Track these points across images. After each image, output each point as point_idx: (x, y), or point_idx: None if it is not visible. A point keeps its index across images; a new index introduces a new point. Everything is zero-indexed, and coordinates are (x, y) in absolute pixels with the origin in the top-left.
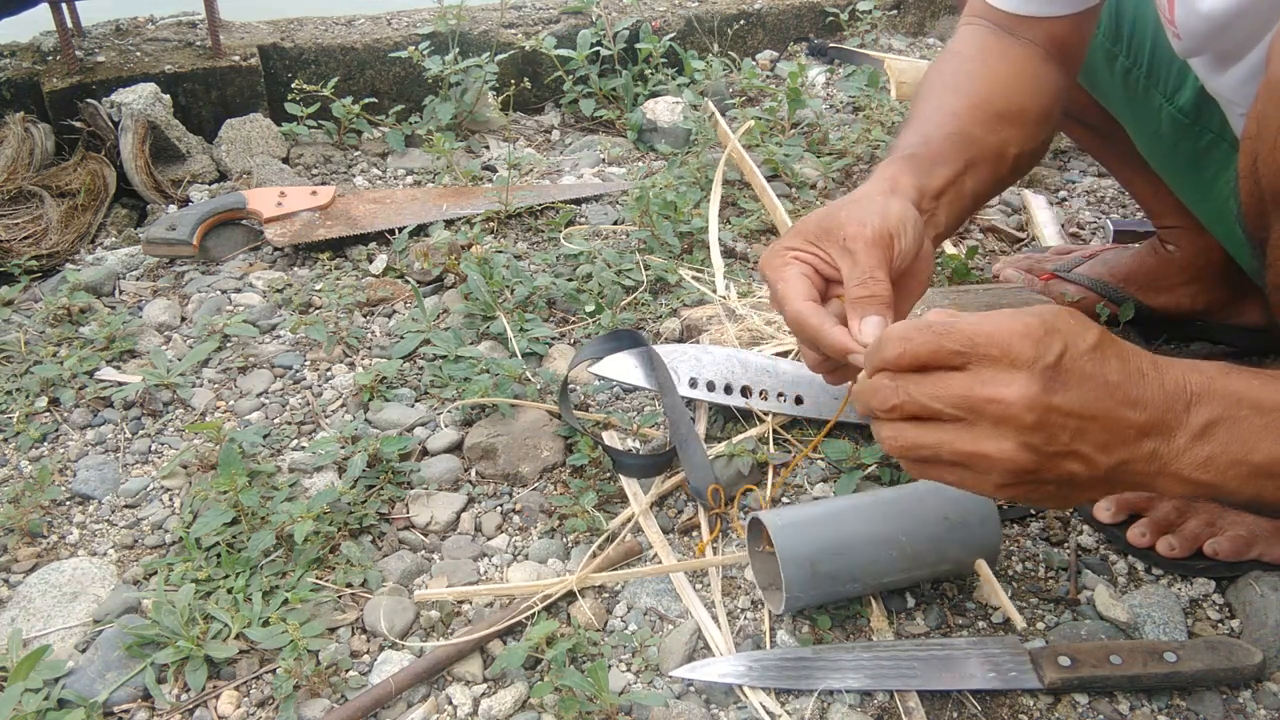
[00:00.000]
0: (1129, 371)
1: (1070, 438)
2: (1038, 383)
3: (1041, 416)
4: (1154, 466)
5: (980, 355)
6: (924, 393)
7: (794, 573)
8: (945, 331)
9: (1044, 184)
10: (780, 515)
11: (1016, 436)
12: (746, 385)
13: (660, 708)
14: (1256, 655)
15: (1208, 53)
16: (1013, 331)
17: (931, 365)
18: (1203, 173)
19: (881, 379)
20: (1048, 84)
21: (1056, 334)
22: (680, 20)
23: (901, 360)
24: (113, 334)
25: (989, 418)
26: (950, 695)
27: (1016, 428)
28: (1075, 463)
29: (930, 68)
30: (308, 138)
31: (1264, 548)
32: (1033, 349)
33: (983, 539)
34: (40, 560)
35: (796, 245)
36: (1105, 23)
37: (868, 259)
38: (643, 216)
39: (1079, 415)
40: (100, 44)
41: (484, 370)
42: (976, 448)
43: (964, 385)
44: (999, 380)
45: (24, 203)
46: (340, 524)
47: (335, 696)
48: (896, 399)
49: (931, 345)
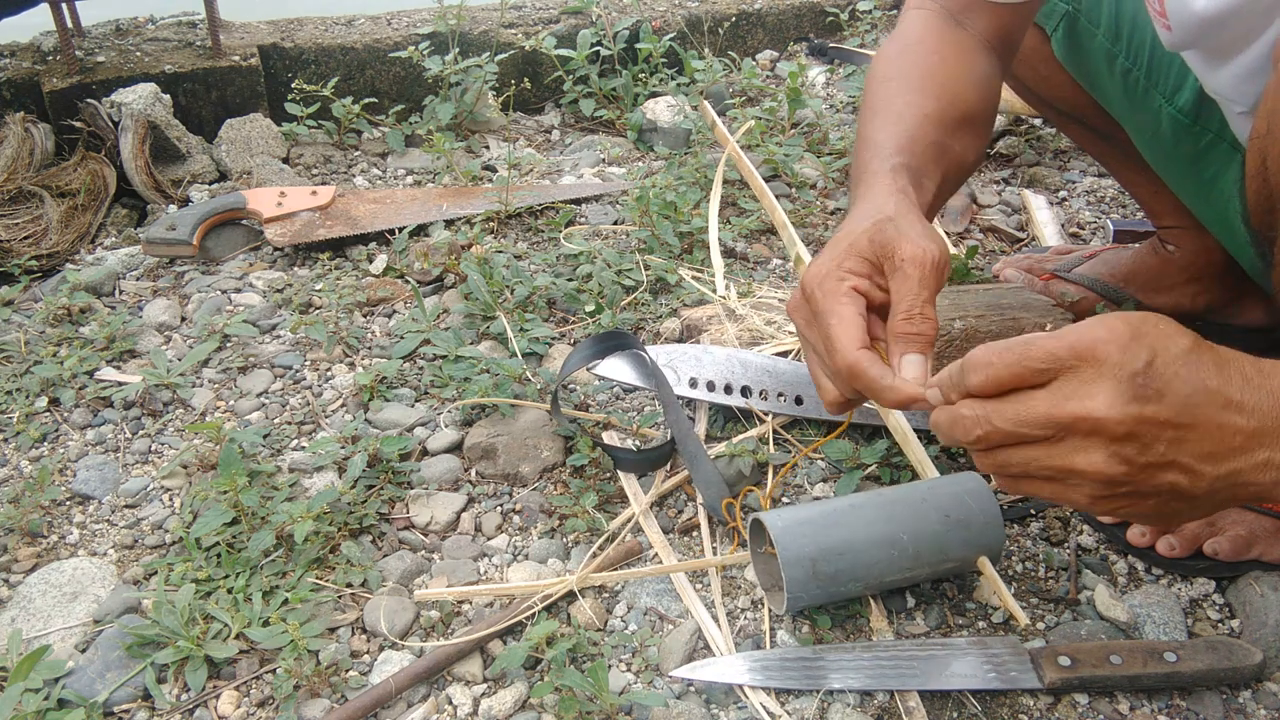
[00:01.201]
0: (1229, 376)
1: (1167, 448)
2: (1126, 391)
3: (1132, 428)
4: (1271, 475)
5: (1063, 368)
6: (1007, 419)
7: (795, 574)
8: (1026, 351)
9: (1044, 184)
10: (781, 516)
11: (1106, 448)
12: (746, 385)
13: (660, 708)
14: (1256, 655)
15: (1198, 48)
16: (1096, 339)
17: (1015, 387)
18: (1203, 173)
19: (962, 408)
20: (994, 84)
21: (1144, 339)
22: (680, 20)
23: (985, 388)
24: (113, 334)
25: (1077, 433)
26: (950, 695)
27: (1106, 439)
28: (1175, 473)
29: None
30: (308, 138)
31: (1264, 548)
32: (1119, 355)
33: (986, 537)
34: (40, 560)
35: (854, 267)
36: (1105, 23)
37: (922, 289)
38: (643, 216)
39: (1174, 424)
40: (100, 44)
41: (484, 370)
42: (1065, 463)
43: (1047, 404)
44: (1083, 393)
45: (24, 203)
46: (340, 524)
47: (335, 696)
48: (980, 430)
49: (1014, 368)
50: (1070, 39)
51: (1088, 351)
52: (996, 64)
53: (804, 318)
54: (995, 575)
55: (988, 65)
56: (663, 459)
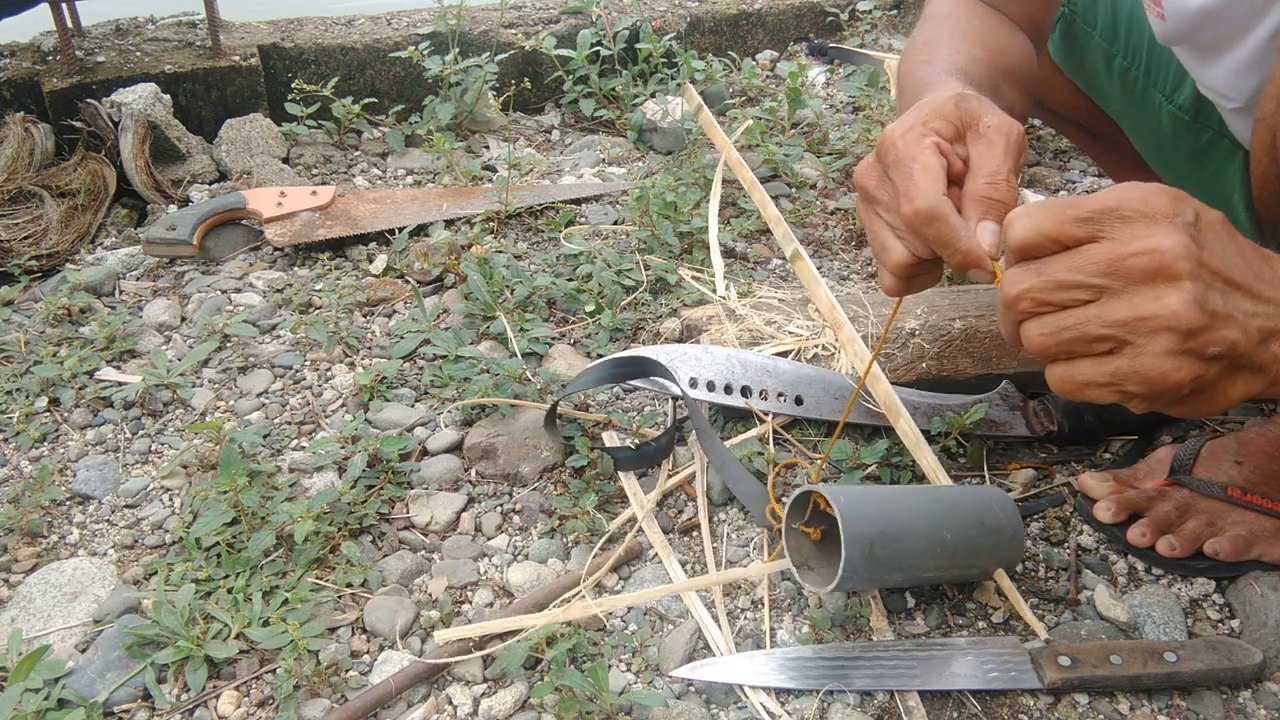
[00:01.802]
0: (1254, 252)
1: (1224, 300)
2: (1185, 233)
3: (1194, 268)
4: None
5: (1114, 220)
6: (1062, 266)
7: (854, 553)
8: (1072, 203)
9: (1044, 184)
10: (844, 492)
11: (1177, 289)
12: (746, 385)
13: (660, 708)
14: (1256, 655)
15: (1190, 42)
16: (1146, 191)
17: (1064, 243)
18: (1203, 170)
19: (1014, 271)
20: (1032, 54)
21: (1187, 200)
22: (680, 20)
23: (1030, 242)
24: (113, 334)
25: (1140, 274)
26: (950, 695)
27: (1173, 278)
28: (1234, 329)
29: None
30: (308, 138)
31: (1264, 548)
32: (1170, 206)
33: (1010, 548)
34: (40, 560)
35: (939, 128)
36: (1102, 24)
37: (1006, 157)
38: (643, 216)
39: (1224, 277)
40: (100, 44)
41: (484, 370)
42: (1135, 312)
43: (1106, 249)
44: (1142, 234)
45: (24, 203)
46: (340, 524)
47: (335, 696)
48: (1030, 281)
49: (1059, 219)
50: (1067, 41)
51: (1139, 202)
52: (1030, 43)
53: (875, 177)
54: (1013, 588)
55: (1023, 38)
56: (661, 454)
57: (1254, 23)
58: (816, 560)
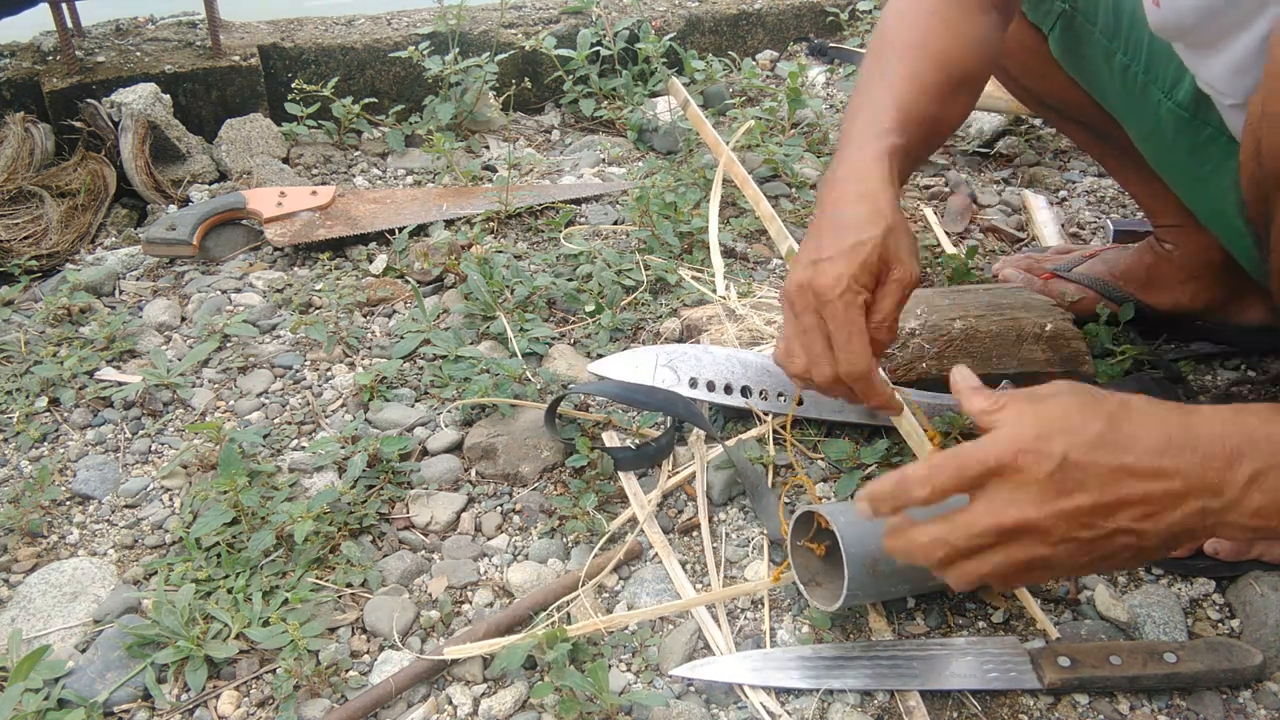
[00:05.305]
0: (1151, 446)
1: (1105, 522)
2: (1049, 493)
3: (1066, 520)
4: (1209, 520)
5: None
6: (960, 537)
7: (856, 571)
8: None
9: (1044, 184)
10: (844, 512)
11: (1052, 539)
12: (746, 385)
13: (660, 708)
14: (1256, 655)
15: (1184, 37)
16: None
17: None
18: (1202, 167)
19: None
20: (993, 45)
21: (1054, 437)
22: (680, 20)
23: (930, 499)
24: (113, 334)
25: (1024, 535)
26: (950, 695)
27: (1046, 533)
28: (1125, 537)
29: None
30: (308, 138)
31: (1264, 548)
32: (1034, 462)
33: None
34: (40, 560)
35: (866, 284)
36: (1102, 20)
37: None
38: (643, 216)
39: (1102, 506)
40: (100, 44)
41: (484, 370)
42: (1029, 555)
43: (988, 515)
44: (1014, 501)
45: (24, 203)
46: (340, 524)
47: (335, 696)
48: (942, 551)
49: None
50: (1067, 37)
51: (1009, 459)
52: (998, 20)
53: (813, 310)
54: (1028, 594)
55: (987, 24)
56: (661, 454)
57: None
58: (823, 575)
